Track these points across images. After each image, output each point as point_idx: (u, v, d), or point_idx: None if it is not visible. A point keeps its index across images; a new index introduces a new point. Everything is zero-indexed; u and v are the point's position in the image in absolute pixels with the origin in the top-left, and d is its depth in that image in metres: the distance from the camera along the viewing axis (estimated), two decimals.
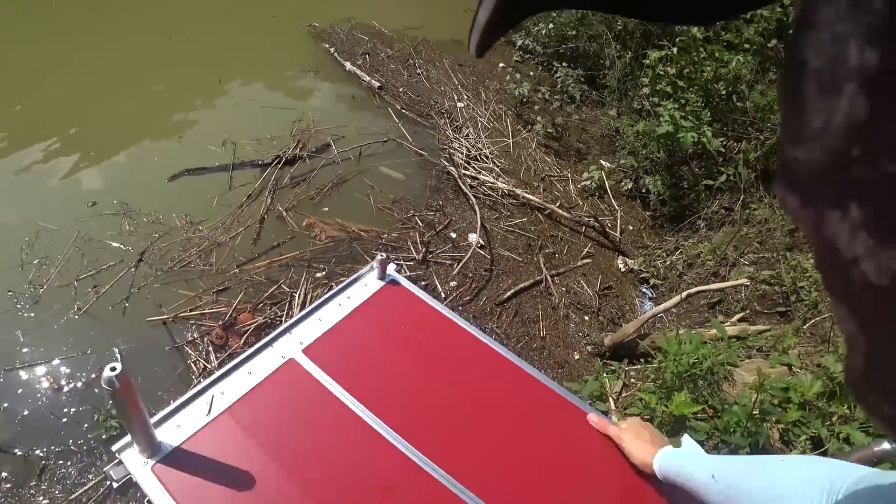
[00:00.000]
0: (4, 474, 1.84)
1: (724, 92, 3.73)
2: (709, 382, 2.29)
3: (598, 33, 4.63)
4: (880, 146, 0.13)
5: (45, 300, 2.28)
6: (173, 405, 0.83)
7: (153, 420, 0.77)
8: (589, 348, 2.67)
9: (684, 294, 2.67)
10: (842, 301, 0.16)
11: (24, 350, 2.13)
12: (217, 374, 0.88)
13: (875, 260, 0.13)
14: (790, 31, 0.17)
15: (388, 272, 1.08)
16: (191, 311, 2.24)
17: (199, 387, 0.86)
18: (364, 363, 0.93)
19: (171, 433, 0.79)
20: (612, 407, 2.31)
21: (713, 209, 3.51)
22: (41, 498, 1.80)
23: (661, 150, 3.71)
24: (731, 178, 3.52)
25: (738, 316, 2.91)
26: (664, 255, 3.35)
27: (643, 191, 3.69)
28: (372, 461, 0.78)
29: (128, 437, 0.75)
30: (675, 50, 3.75)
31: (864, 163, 0.13)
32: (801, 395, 2.11)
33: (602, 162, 3.87)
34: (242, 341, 2.11)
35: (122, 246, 2.50)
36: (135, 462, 0.75)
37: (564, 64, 4.52)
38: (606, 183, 3.59)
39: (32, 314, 2.24)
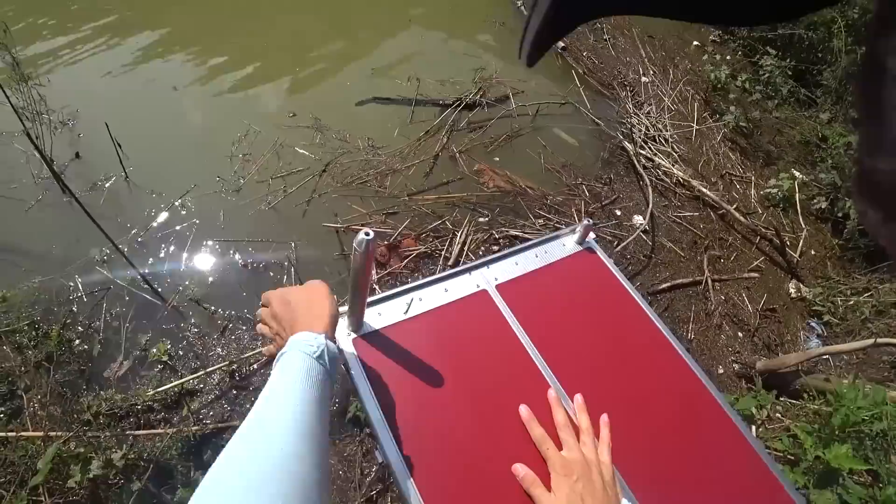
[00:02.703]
0: (194, 321, 2.20)
1: None
2: (876, 446, 1.99)
3: (825, 20, 3.95)
4: None
5: (244, 190, 2.61)
6: (379, 295, 0.92)
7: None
8: (736, 366, 2.45)
9: (874, 341, 2.31)
10: None
11: (223, 228, 2.47)
12: (419, 281, 0.95)
13: None
14: (867, 35, 0.14)
15: (587, 239, 1.08)
16: (361, 225, 2.43)
17: (402, 288, 0.93)
18: (546, 313, 0.95)
19: (374, 318, 0.88)
20: (754, 434, 2.12)
21: None
22: (220, 349, 2.13)
23: (856, 82, 3.13)
24: None
25: None
26: (848, 292, 2.90)
27: (839, 214, 3.19)
28: (530, 398, 0.82)
29: (343, 308, 0.84)
30: None
31: None
32: None
33: (794, 171, 3.39)
34: (402, 264, 2.25)
35: (311, 155, 2.76)
36: (341, 331, 0.85)
37: (773, 51, 3.96)
38: (797, 196, 3.16)
39: (233, 199, 2.58)
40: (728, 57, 4.17)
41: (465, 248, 2.29)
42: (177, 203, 2.56)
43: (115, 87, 3.12)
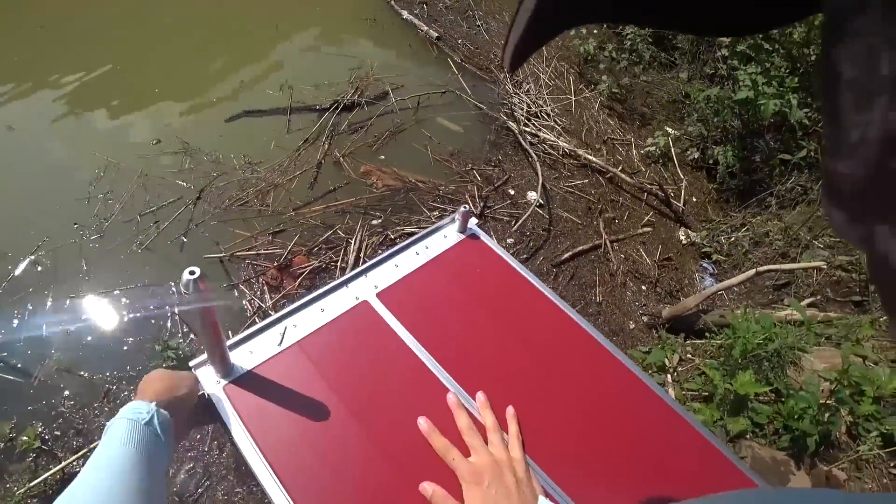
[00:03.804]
0: (68, 392, 1.92)
1: (814, 57, 3.40)
2: (773, 365, 2.16)
3: None
4: None
5: (109, 233, 2.32)
6: (248, 332, 0.83)
7: (228, 343, 0.78)
8: (645, 318, 2.56)
9: (754, 271, 2.51)
10: None
11: (88, 280, 2.19)
12: (291, 307, 0.87)
13: None
14: (822, 44, 0.14)
15: (468, 225, 1.03)
16: (247, 250, 2.25)
17: (273, 317, 0.85)
18: (434, 313, 0.90)
19: (244, 357, 0.79)
20: (670, 380, 2.22)
21: (787, 186, 3.26)
22: (103, 419, 1.87)
23: (736, 119, 3.45)
24: (813, 153, 3.24)
25: (807, 301, 2.73)
26: (729, 230, 3.16)
27: (710, 161, 3.47)
28: (430, 408, 0.77)
29: (204, 356, 0.76)
30: None
31: None
32: (878, 388, 1.96)
33: (667, 128, 3.64)
34: (297, 283, 2.10)
35: (182, 183, 2.52)
36: (209, 380, 0.76)
37: None
38: (672, 150, 3.38)
39: (97, 246, 2.29)
40: (595, 30, 4.39)
41: (362, 255, 2.19)
42: (26, 261, 2.23)
43: None
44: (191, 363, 0.77)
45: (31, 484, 1.65)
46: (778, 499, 0.34)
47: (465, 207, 0.99)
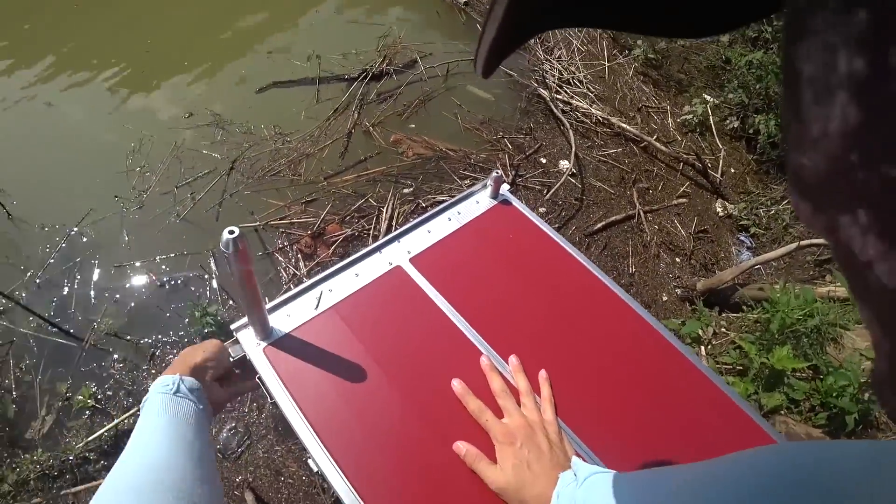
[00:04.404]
0: (117, 356, 2.01)
1: None
2: (812, 342, 2.10)
3: None
4: (876, 151, 0.13)
5: (148, 205, 2.39)
6: (285, 296, 0.85)
7: (267, 307, 0.80)
8: (678, 291, 2.51)
9: (796, 244, 2.42)
10: (864, 304, 0.15)
11: (130, 249, 2.27)
12: (326, 272, 0.88)
13: (886, 263, 0.13)
14: (783, 43, 0.14)
15: (501, 191, 1.02)
16: (280, 219, 2.28)
17: (309, 282, 0.87)
18: (467, 278, 0.90)
19: (282, 321, 0.82)
20: (704, 353, 2.18)
21: None
22: (151, 380, 1.94)
23: (780, 86, 3.28)
24: None
25: None
26: (769, 203, 3.04)
27: (751, 131, 3.31)
28: (464, 371, 0.78)
29: (244, 319, 0.78)
30: None
31: (864, 168, 0.13)
32: None
33: (706, 96, 3.49)
34: (331, 252, 2.13)
35: (215, 155, 2.55)
36: (249, 343, 0.79)
37: None
38: (711, 119, 3.25)
39: (137, 217, 2.36)
40: None
41: (393, 223, 2.20)
42: (73, 232, 2.32)
43: None
44: (232, 326, 0.79)
45: (89, 439, 1.76)
46: (818, 448, 0.33)
47: (496, 173, 0.98)
